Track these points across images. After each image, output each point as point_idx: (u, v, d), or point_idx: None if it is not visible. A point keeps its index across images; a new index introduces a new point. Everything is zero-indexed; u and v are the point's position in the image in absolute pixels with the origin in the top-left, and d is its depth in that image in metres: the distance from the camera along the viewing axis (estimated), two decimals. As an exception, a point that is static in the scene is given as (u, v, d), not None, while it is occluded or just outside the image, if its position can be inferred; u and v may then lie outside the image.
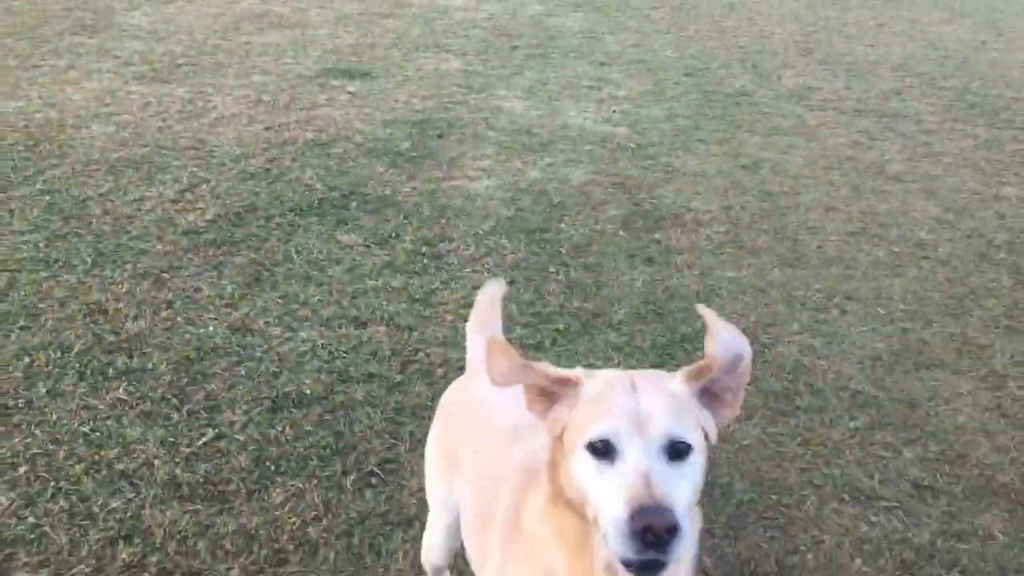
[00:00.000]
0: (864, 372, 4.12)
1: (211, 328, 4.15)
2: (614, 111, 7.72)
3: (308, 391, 3.75)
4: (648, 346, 4.25)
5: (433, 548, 2.50)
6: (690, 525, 1.44)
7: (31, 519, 3.00)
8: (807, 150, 7.01)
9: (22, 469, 3.21)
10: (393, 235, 5.18)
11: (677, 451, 1.51)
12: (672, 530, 1.38)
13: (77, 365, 3.80)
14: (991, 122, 7.86)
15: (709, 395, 1.62)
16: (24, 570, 2.80)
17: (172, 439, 3.42)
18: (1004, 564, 3.06)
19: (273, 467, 3.32)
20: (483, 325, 2.61)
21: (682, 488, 1.48)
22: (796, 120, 7.74)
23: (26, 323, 4.08)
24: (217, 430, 3.49)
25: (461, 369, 3.93)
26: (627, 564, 1.43)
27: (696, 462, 1.54)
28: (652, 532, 1.38)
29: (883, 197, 6.15)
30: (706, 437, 1.59)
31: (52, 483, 3.16)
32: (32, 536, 2.93)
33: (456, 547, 2.45)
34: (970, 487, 3.42)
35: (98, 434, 3.41)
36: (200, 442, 3.41)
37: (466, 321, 4.27)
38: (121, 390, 3.67)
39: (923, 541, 3.14)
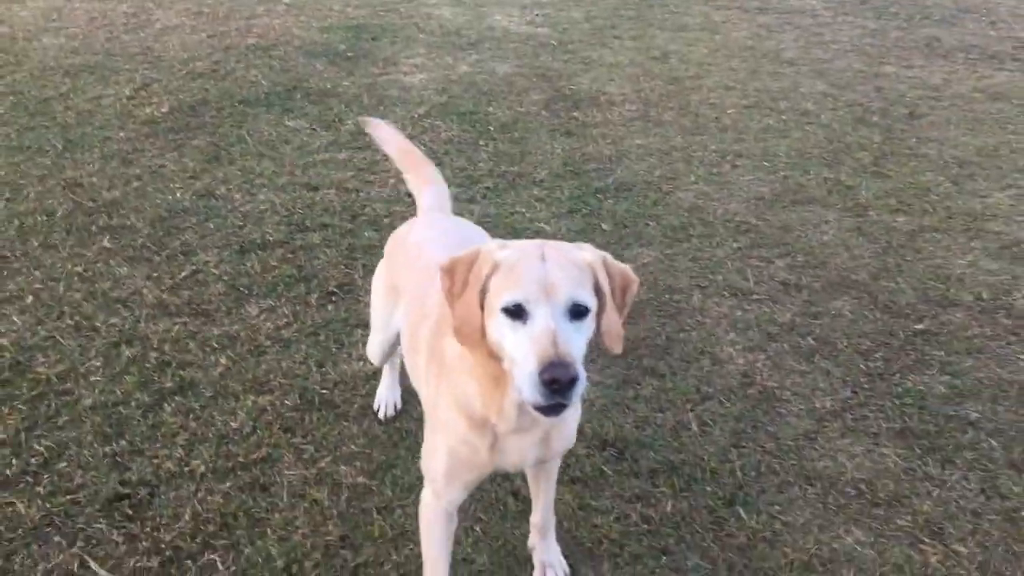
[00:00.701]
0: (748, 208, 4.83)
1: (179, 195, 4.68)
2: (536, 15, 8.27)
3: (271, 238, 4.32)
4: (566, 197, 4.89)
5: (374, 354, 2.95)
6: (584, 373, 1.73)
7: (43, 332, 3.55)
8: (711, 43, 7.66)
9: (29, 299, 3.75)
10: (336, 120, 5.72)
11: (577, 312, 1.77)
12: (573, 381, 1.68)
13: (63, 224, 4.32)
14: (879, 14, 8.59)
15: (599, 295, 1.86)
16: (43, 365, 3.36)
17: (156, 275, 3.98)
18: (849, 332, 3.79)
19: (247, 291, 3.90)
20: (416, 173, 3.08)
21: (580, 342, 1.77)
22: (703, 18, 8.38)
23: (11, 196, 4.57)
24: (195, 267, 4.05)
25: (404, 217, 4.57)
26: (536, 407, 1.74)
27: (591, 320, 1.81)
28: (558, 383, 1.67)
29: (777, 78, 6.83)
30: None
31: (56, 308, 3.71)
32: (46, 344, 3.49)
33: (393, 353, 2.96)
34: (828, 283, 4.15)
35: (90, 273, 3.96)
36: (181, 276, 3.98)
37: (406, 186, 4.91)
38: (106, 241, 4.20)
39: (785, 319, 3.87)
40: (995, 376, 3.52)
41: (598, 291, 1.84)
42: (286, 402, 3.24)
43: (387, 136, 3.16)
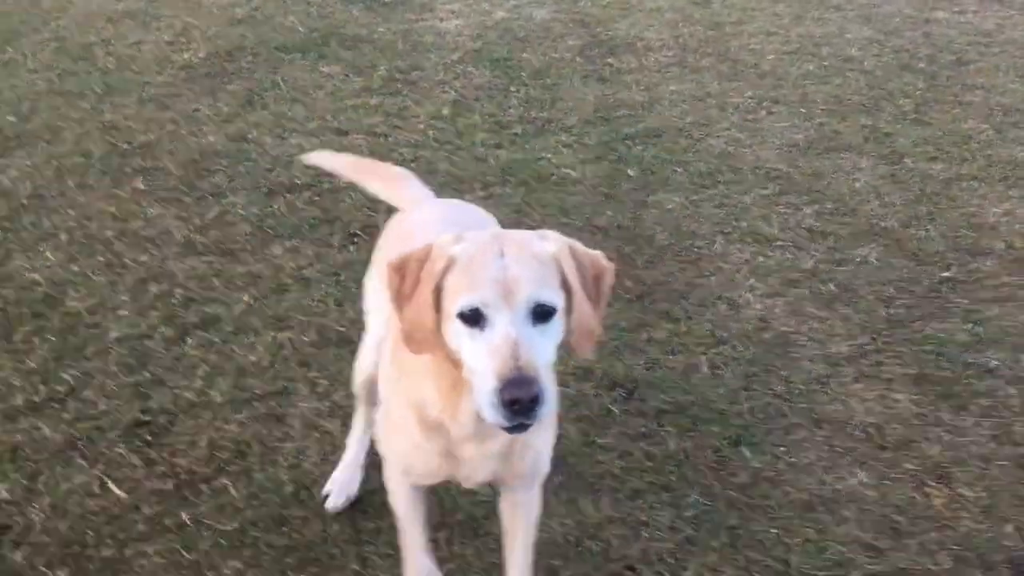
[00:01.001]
0: (780, 155, 4.74)
1: (211, 138, 4.76)
2: (578, -40, 8.13)
3: (298, 181, 4.38)
4: (594, 143, 4.86)
5: (361, 365, 2.51)
6: (550, 383, 1.61)
7: (75, 268, 3.67)
8: (757, -13, 7.48)
9: (63, 237, 3.88)
10: (370, 66, 5.73)
11: (542, 314, 1.62)
12: (536, 399, 1.54)
13: (99, 166, 4.44)
14: (935, -43, 8.28)
15: (567, 290, 1.70)
16: (74, 299, 3.48)
17: (185, 215, 4.07)
18: (872, 280, 3.73)
19: (272, 232, 3.97)
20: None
21: (546, 350, 1.63)
22: (750, -38, 8.17)
23: (50, 138, 4.70)
24: (223, 208, 4.14)
25: (431, 161, 4.60)
26: (500, 427, 1.61)
27: (559, 320, 1.66)
28: (519, 403, 1.53)
29: (822, 23, 6.65)
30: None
31: (89, 246, 3.83)
32: (78, 280, 3.61)
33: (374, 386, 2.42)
34: (855, 231, 4.08)
35: (123, 213, 4.07)
36: (209, 216, 4.07)
37: (435, 131, 4.91)
38: (139, 182, 4.31)
39: (808, 266, 3.82)
40: (1020, 324, 3.45)
41: (566, 285, 1.69)
42: (304, 338, 3.32)
43: (332, 160, 3.08)
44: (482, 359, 1.59)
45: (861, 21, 6.72)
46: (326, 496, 2.65)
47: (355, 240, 3.94)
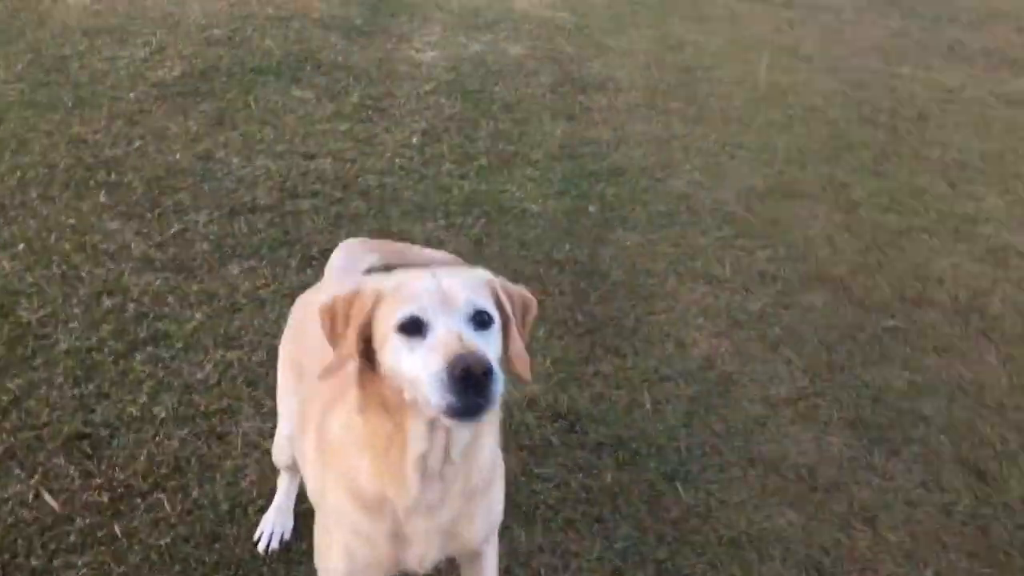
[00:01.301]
0: (739, 199, 4.85)
1: (178, 156, 4.79)
2: (558, -1, 8.31)
3: (261, 202, 4.42)
4: (558, 178, 4.95)
5: (280, 451, 2.52)
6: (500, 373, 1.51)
7: (30, 279, 3.68)
8: (731, 35, 7.66)
9: (20, 247, 3.88)
10: (342, 92, 5.81)
11: (481, 321, 1.59)
12: (488, 372, 1.46)
13: (63, 178, 4.45)
14: (905, 14, 8.53)
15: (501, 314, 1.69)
16: (26, 310, 3.49)
17: (145, 231, 4.09)
18: (817, 325, 3.82)
19: (231, 251, 4.00)
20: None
21: (490, 349, 1.56)
22: (726, 10, 8.37)
23: (17, 148, 4.70)
24: (183, 226, 4.16)
25: (396, 189, 4.66)
26: (452, 412, 1.49)
27: (498, 333, 1.63)
28: (471, 374, 1.44)
29: (790, 73, 6.82)
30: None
31: (46, 257, 3.83)
32: (32, 290, 3.62)
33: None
34: (805, 276, 4.17)
35: (83, 226, 4.08)
36: (170, 233, 4.09)
37: (402, 159, 4.98)
38: (101, 196, 4.32)
39: (755, 308, 3.90)
40: (957, 375, 3.54)
41: (500, 309, 1.68)
42: (253, 358, 3.34)
43: None
44: (426, 356, 1.51)
45: (828, 72, 6.90)
46: (257, 540, 2.60)
47: (313, 263, 3.96)
